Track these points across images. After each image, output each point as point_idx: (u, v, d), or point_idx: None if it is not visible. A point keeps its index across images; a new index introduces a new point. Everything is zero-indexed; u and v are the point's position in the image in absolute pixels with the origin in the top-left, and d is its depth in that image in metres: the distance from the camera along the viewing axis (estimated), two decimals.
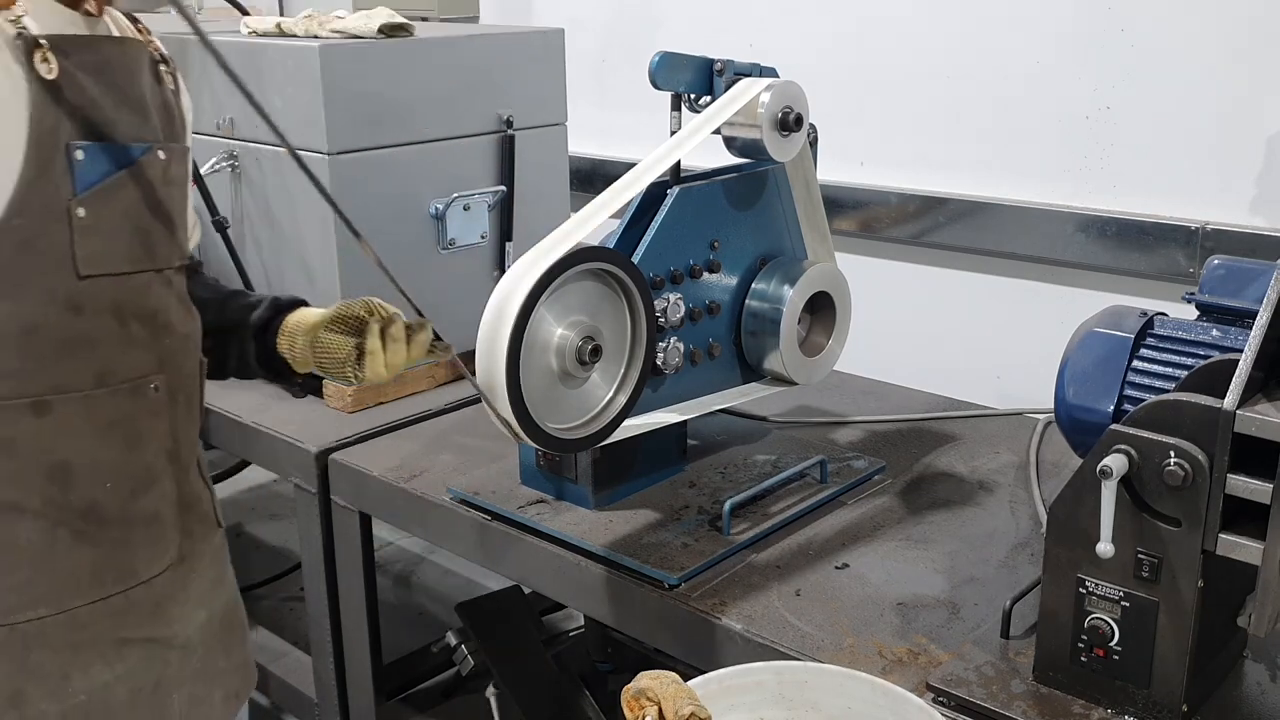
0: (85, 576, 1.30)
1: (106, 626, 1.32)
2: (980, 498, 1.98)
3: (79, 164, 1.20)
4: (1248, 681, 1.49)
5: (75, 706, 1.31)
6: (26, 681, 1.28)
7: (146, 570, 1.35)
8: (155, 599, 1.37)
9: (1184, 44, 2.19)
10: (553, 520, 1.86)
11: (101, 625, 1.32)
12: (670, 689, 1.24)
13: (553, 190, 2.65)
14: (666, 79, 1.81)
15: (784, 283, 1.94)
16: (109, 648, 1.33)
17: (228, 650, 1.50)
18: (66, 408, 1.24)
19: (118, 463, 1.30)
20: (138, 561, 1.34)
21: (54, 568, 1.27)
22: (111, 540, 1.31)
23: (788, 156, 1.90)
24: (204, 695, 1.46)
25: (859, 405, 2.36)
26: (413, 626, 2.91)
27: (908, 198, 2.59)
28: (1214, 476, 1.27)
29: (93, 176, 1.22)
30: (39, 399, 1.22)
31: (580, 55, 2.78)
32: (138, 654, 1.35)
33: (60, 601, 1.28)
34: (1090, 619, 1.39)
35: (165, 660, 1.39)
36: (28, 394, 1.22)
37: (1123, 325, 1.52)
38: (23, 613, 1.26)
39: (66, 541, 1.28)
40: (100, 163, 1.22)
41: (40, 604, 1.27)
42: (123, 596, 1.33)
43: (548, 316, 1.66)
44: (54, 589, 1.28)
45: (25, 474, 1.24)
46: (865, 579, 1.73)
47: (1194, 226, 2.20)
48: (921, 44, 2.54)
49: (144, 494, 1.34)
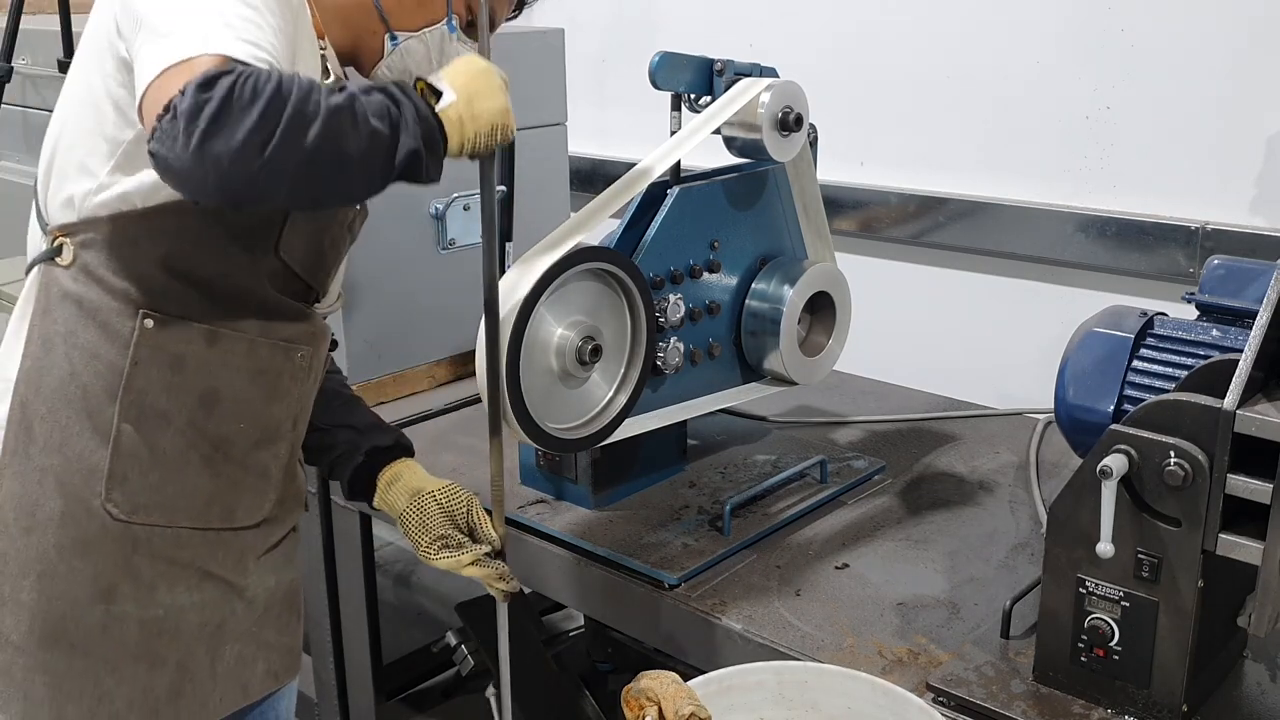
0: (200, 502, 1.41)
1: (200, 554, 1.42)
2: (980, 498, 1.98)
3: None
4: (1248, 681, 1.49)
5: (153, 619, 1.41)
6: (123, 580, 1.38)
7: (245, 518, 1.46)
8: (242, 548, 1.47)
9: (1184, 44, 2.19)
10: (553, 520, 1.86)
11: (197, 551, 1.42)
12: (670, 689, 1.25)
13: (553, 190, 2.65)
14: (666, 79, 1.81)
15: (784, 283, 1.94)
16: (195, 575, 1.43)
17: (280, 628, 1.56)
18: (233, 344, 1.39)
19: (255, 408, 1.43)
20: (240, 507, 1.45)
21: (179, 484, 1.39)
22: (229, 477, 1.43)
23: (788, 156, 1.90)
24: (250, 659, 1.52)
25: (859, 405, 2.36)
26: (412, 626, 2.91)
27: (907, 198, 2.59)
28: (1214, 476, 1.27)
29: None
30: (215, 329, 1.37)
31: (580, 55, 2.78)
32: (215, 590, 1.45)
33: (174, 517, 1.39)
34: (1090, 619, 1.39)
35: (233, 608, 1.48)
36: (208, 321, 1.37)
37: (1123, 325, 1.52)
38: (142, 515, 1.37)
39: (195, 465, 1.40)
40: None
41: (158, 513, 1.38)
42: (217, 534, 1.43)
43: (548, 316, 1.66)
44: (172, 503, 1.39)
45: (182, 391, 1.37)
46: (865, 579, 1.73)
47: (1194, 226, 2.20)
48: (921, 44, 2.54)
49: (265, 446, 1.46)
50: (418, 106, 1.23)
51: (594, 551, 1.78)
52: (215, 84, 1.11)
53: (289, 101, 1.13)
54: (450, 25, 1.47)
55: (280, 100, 1.13)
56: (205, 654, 1.46)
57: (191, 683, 1.45)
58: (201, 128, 1.10)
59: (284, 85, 1.14)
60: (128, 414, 1.35)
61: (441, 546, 1.54)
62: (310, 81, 1.17)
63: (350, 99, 1.18)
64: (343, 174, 1.19)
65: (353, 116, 1.17)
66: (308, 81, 1.17)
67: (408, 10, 1.45)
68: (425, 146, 1.22)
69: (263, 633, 1.53)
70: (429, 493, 1.57)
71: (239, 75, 1.12)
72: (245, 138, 1.11)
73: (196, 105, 1.10)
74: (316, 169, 1.17)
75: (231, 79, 1.12)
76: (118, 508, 1.36)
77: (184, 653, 1.44)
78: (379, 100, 1.20)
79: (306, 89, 1.15)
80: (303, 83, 1.16)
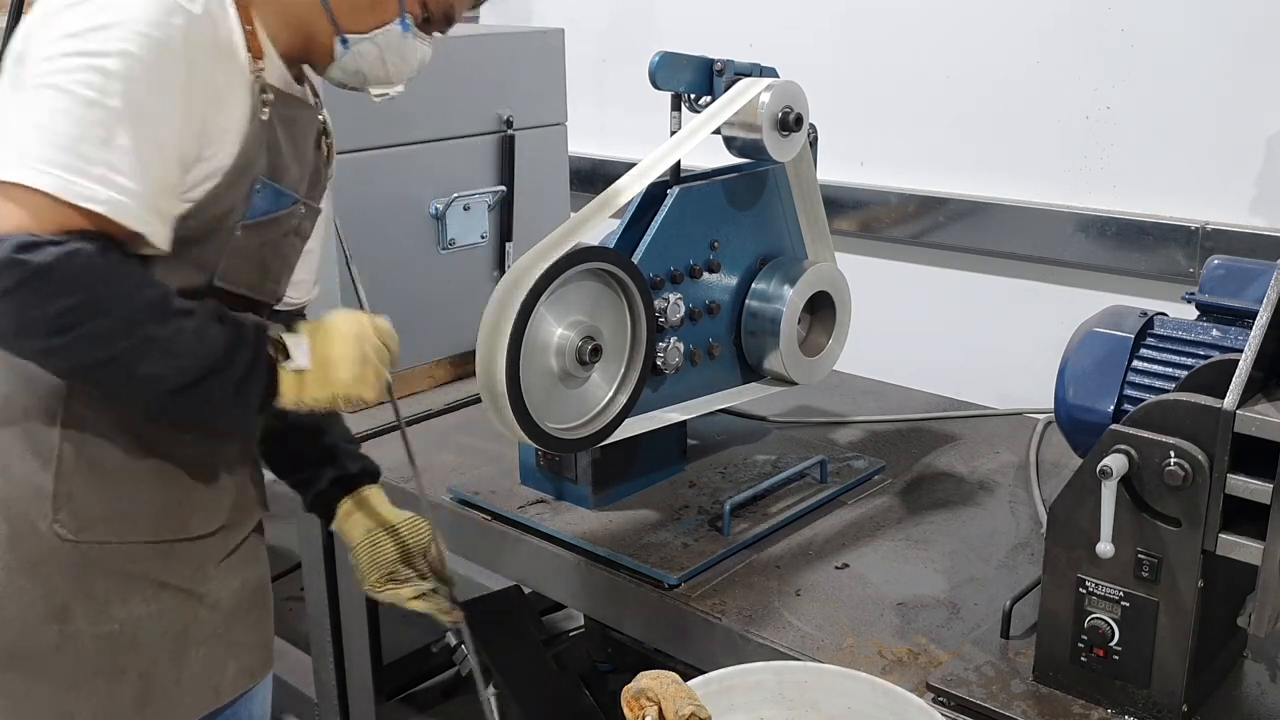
0: (150, 516, 1.40)
1: (154, 567, 1.42)
2: (980, 498, 1.98)
3: (256, 194, 1.36)
4: (1247, 681, 1.49)
5: (109, 633, 1.40)
6: (74, 599, 1.37)
7: (200, 527, 1.45)
8: (200, 558, 1.46)
9: (1184, 44, 2.19)
10: (553, 520, 1.86)
11: (151, 564, 1.41)
12: (670, 689, 1.25)
13: (553, 190, 2.65)
14: (667, 79, 1.81)
15: (784, 283, 1.94)
16: (150, 587, 1.42)
17: (250, 626, 1.56)
18: None
19: None
20: (194, 519, 1.45)
21: (128, 500, 1.39)
22: (179, 489, 1.42)
23: (788, 156, 1.90)
24: (220, 660, 1.52)
25: (859, 405, 2.36)
26: (412, 627, 2.90)
27: (907, 198, 2.59)
28: (1214, 476, 1.27)
29: (260, 209, 1.38)
30: None
31: (580, 55, 2.78)
32: (173, 600, 1.44)
33: (124, 532, 1.39)
34: (1090, 619, 1.39)
35: (195, 614, 1.47)
36: None
37: (1123, 325, 1.52)
38: (91, 534, 1.37)
39: (144, 479, 1.39)
40: (268, 200, 1.38)
41: (107, 529, 1.38)
42: (171, 545, 1.43)
43: (548, 316, 1.66)
44: (122, 519, 1.38)
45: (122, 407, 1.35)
46: (865, 579, 1.73)
47: (1194, 226, 2.20)
48: (921, 44, 2.54)
49: (214, 456, 1.46)
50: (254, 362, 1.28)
51: (594, 551, 1.78)
52: (36, 253, 1.14)
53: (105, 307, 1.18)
54: (404, 24, 1.43)
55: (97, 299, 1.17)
56: (169, 661, 1.45)
57: (159, 691, 1.44)
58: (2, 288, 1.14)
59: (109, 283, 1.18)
60: (69, 435, 1.34)
61: (387, 580, 1.59)
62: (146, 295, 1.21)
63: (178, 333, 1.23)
64: (127, 391, 1.27)
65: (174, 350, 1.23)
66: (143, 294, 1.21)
67: (359, 11, 1.41)
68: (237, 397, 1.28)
69: (232, 633, 1.52)
70: (388, 529, 1.60)
71: (65, 254, 1.15)
72: (38, 319, 1.16)
73: (6, 264, 1.14)
74: (102, 376, 1.24)
75: (55, 256, 1.15)
76: (65, 528, 1.35)
77: (146, 662, 1.43)
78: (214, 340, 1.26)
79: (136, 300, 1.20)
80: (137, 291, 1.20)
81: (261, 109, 1.35)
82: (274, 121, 1.38)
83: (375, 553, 1.59)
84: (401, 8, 1.42)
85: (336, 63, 1.44)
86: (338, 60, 1.43)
